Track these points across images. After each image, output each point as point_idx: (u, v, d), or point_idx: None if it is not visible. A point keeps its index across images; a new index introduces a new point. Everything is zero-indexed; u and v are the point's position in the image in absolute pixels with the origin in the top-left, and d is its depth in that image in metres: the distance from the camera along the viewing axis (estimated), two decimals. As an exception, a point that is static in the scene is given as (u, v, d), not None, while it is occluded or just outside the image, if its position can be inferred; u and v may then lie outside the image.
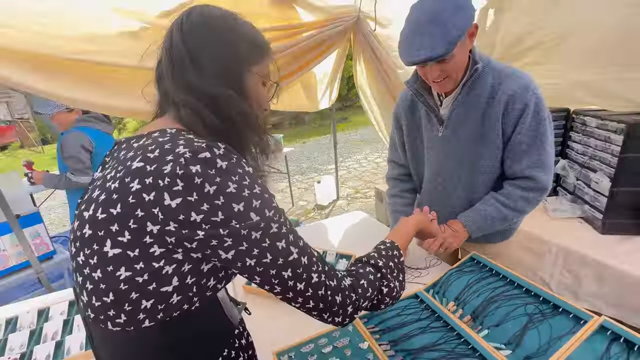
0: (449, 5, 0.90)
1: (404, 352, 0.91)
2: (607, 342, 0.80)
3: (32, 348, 1.03)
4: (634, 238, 1.45)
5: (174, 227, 0.44)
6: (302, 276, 0.53)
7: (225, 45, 0.55)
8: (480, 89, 1.05)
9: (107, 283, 0.46)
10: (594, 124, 1.56)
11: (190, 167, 0.44)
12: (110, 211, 0.45)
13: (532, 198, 1.11)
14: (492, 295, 1.03)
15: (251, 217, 0.47)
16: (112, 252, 0.45)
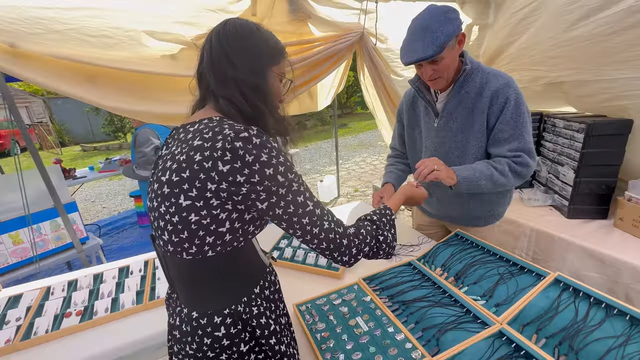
0: (439, 17, 1.05)
1: (399, 303, 1.07)
2: (560, 291, 0.96)
3: (93, 303, 1.18)
4: (594, 221, 1.62)
5: (225, 186, 0.59)
6: (316, 223, 0.67)
7: (252, 48, 0.68)
8: (470, 87, 1.18)
9: (182, 225, 0.61)
10: (562, 125, 1.73)
11: (235, 143, 0.58)
12: (182, 175, 0.60)
13: (517, 169, 1.14)
14: (472, 261, 1.19)
15: (278, 178, 0.61)
16: (185, 203, 0.60)
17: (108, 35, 1.43)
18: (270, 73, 0.71)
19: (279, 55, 0.74)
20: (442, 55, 1.08)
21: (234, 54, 0.66)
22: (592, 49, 1.55)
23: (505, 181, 1.14)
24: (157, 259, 1.42)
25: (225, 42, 0.66)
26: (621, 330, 0.80)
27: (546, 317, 0.90)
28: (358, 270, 1.32)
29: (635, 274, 1.27)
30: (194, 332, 0.65)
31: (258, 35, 0.70)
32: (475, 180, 1.13)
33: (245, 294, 0.69)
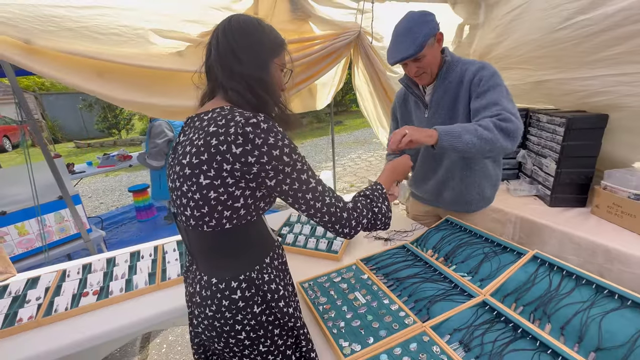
0: (416, 21, 1.20)
1: (393, 280, 1.17)
2: (537, 266, 1.07)
3: (108, 283, 1.26)
4: (573, 209, 1.74)
5: (238, 166, 0.67)
6: (319, 198, 0.75)
7: (256, 44, 0.75)
8: (452, 77, 1.29)
9: (203, 201, 0.69)
10: (545, 120, 1.85)
11: (246, 128, 0.66)
12: (201, 158, 0.67)
13: (501, 125, 1.10)
14: (460, 243, 1.30)
15: (284, 158, 0.69)
16: (204, 182, 0.68)
17: (117, 33, 1.50)
18: (273, 65, 0.78)
19: (280, 47, 0.81)
20: (423, 53, 1.21)
21: (240, 49, 0.73)
22: (573, 49, 1.66)
23: (492, 136, 1.07)
24: (166, 244, 1.51)
25: (231, 38, 0.73)
26: (587, 297, 0.91)
27: (524, 288, 1.01)
28: (356, 252, 1.42)
29: (607, 254, 1.39)
30: (213, 295, 0.74)
31: (260, 30, 0.76)
32: (457, 134, 1.07)
33: (258, 263, 0.77)
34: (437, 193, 1.52)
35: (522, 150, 2.08)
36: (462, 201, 1.47)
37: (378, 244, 1.50)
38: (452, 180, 1.44)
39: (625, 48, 1.48)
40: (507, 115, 1.11)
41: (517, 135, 1.11)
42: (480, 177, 1.41)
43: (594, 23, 1.52)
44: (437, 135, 1.08)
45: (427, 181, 1.53)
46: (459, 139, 1.07)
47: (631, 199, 1.47)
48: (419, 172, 1.56)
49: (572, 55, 1.68)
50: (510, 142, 1.10)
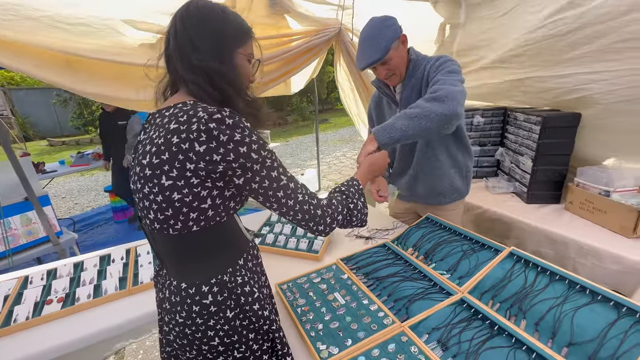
0: (379, 26, 1.24)
1: (373, 279, 1.16)
2: (513, 262, 1.08)
3: (74, 290, 1.19)
4: (549, 205, 1.79)
5: (202, 165, 0.62)
6: (291, 195, 0.72)
7: (216, 32, 0.68)
8: (418, 75, 1.33)
9: (166, 203, 0.65)
10: (522, 118, 1.89)
11: (209, 124, 0.61)
12: (161, 157, 0.63)
13: (430, 96, 1.10)
14: (439, 241, 1.30)
15: (252, 155, 0.65)
16: (167, 183, 0.63)
17: (85, 23, 1.41)
18: (237, 55, 0.73)
19: (245, 36, 0.75)
20: (389, 56, 1.25)
21: (198, 38, 0.67)
22: (549, 48, 1.70)
23: (419, 110, 1.09)
24: (139, 247, 1.44)
25: (189, 26, 0.67)
26: (560, 292, 0.92)
27: (501, 285, 1.02)
28: (337, 252, 1.40)
29: (579, 249, 1.44)
30: (183, 301, 0.70)
31: (222, 17, 0.70)
32: (389, 125, 1.11)
33: (230, 265, 0.74)
34: (411, 187, 1.55)
35: (501, 148, 2.12)
36: (434, 193, 1.50)
37: (359, 242, 1.49)
38: (423, 173, 1.48)
39: (595, 47, 1.52)
40: (437, 87, 1.12)
41: (450, 97, 1.08)
42: (448, 167, 1.45)
43: (569, 22, 1.55)
44: (375, 137, 1.13)
45: (402, 175, 1.57)
46: (392, 128, 1.11)
47: (602, 196, 1.52)
48: (396, 169, 1.59)
49: (548, 54, 1.72)
50: (443, 105, 1.07)
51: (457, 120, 1.11)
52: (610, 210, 1.47)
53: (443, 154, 1.43)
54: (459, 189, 1.50)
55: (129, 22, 1.46)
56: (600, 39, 1.50)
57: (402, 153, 1.53)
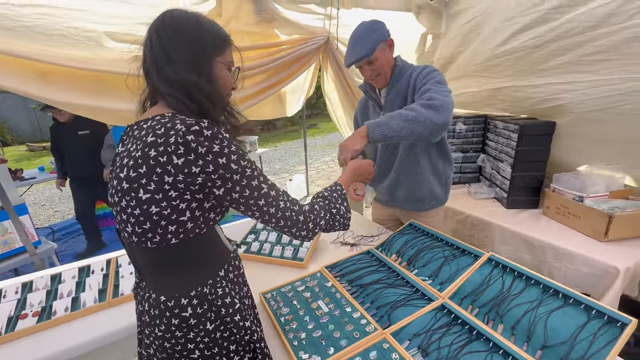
0: (367, 29, 1.32)
1: (357, 287, 1.17)
2: (492, 268, 1.11)
3: (51, 303, 1.15)
4: (527, 210, 1.85)
5: (181, 177, 0.62)
6: (272, 203, 0.72)
7: (192, 43, 0.68)
8: (403, 81, 1.38)
9: (144, 217, 0.64)
10: (501, 126, 1.96)
11: (187, 137, 0.61)
12: (139, 171, 0.62)
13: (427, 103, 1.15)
14: (422, 247, 1.33)
15: (232, 166, 0.65)
16: (144, 196, 0.63)
17: (65, 34, 1.37)
18: (216, 64, 0.72)
19: (223, 43, 0.74)
20: (375, 56, 1.31)
21: (173, 49, 0.66)
22: (523, 59, 1.78)
23: (415, 114, 1.13)
24: (120, 257, 1.41)
25: (164, 37, 0.66)
26: (535, 297, 0.96)
27: (479, 290, 1.05)
28: (322, 259, 1.41)
29: (555, 253, 1.49)
30: (162, 314, 0.70)
31: (198, 26, 0.69)
32: (384, 123, 1.15)
33: (211, 277, 0.73)
34: (391, 192, 1.58)
35: (482, 154, 2.18)
36: (414, 199, 1.54)
37: (344, 249, 1.50)
38: (403, 178, 1.52)
39: (567, 59, 1.60)
40: (432, 95, 1.17)
41: (444, 107, 1.14)
42: (428, 174, 1.49)
43: (542, 34, 1.63)
44: (367, 130, 1.17)
45: (383, 179, 1.60)
46: (387, 126, 1.15)
47: (576, 201, 1.58)
48: (377, 172, 1.61)
49: (523, 64, 1.80)
50: (438, 114, 1.13)
51: (446, 130, 1.21)
52: (584, 215, 1.54)
53: (424, 160, 1.47)
54: (438, 196, 1.53)
55: (111, 34, 1.44)
56: (571, 51, 1.58)
57: (384, 156, 1.56)
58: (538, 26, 1.67)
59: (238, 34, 1.79)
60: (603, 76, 1.53)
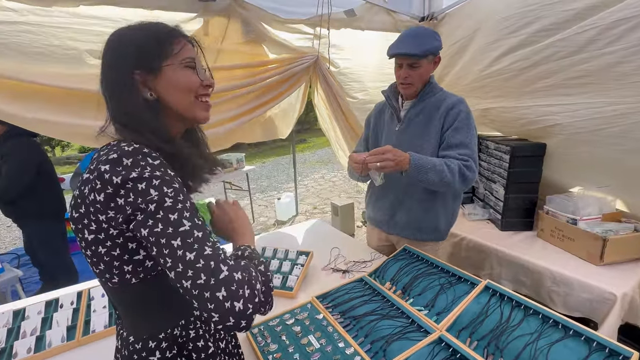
0: (429, 32, 1.37)
1: (350, 318, 1.15)
2: (489, 296, 1.11)
3: (12, 343, 1.07)
4: (522, 232, 1.88)
5: (112, 214, 0.57)
6: (193, 246, 0.54)
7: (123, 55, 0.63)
8: (431, 100, 1.42)
9: (96, 257, 0.61)
10: (492, 147, 2.02)
11: (101, 168, 0.56)
12: (80, 211, 0.60)
13: (465, 173, 1.27)
14: (417, 274, 1.32)
15: (150, 192, 0.55)
16: (89, 237, 0.60)
17: (45, 52, 1.37)
18: (167, 70, 0.64)
19: (167, 44, 0.64)
20: (421, 63, 1.34)
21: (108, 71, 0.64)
22: (511, 80, 1.86)
23: (452, 180, 1.25)
24: (93, 288, 1.35)
25: (105, 58, 0.64)
26: (535, 328, 0.95)
27: (478, 321, 1.04)
28: (312, 288, 1.38)
29: (552, 278, 1.51)
30: (130, 356, 0.66)
31: (117, 44, 0.64)
32: (424, 170, 1.23)
33: (183, 317, 0.70)
34: (391, 213, 1.53)
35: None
36: (414, 226, 1.50)
37: (336, 276, 1.47)
38: (409, 201, 1.47)
39: (553, 81, 1.68)
40: (471, 164, 1.29)
41: (471, 183, 1.33)
42: (438, 205, 1.46)
43: (528, 57, 1.72)
44: (409, 165, 1.23)
45: (385, 196, 1.54)
46: (425, 174, 1.24)
47: (569, 224, 1.62)
48: (378, 189, 1.54)
49: (511, 86, 1.89)
50: (464, 186, 1.32)
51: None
52: (578, 238, 1.57)
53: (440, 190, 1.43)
54: (440, 230, 1.51)
55: (92, 52, 1.44)
56: (556, 74, 1.66)
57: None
58: (523, 49, 1.76)
59: (227, 54, 1.82)
60: (588, 99, 1.62)
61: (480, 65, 1.98)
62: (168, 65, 0.64)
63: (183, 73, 0.65)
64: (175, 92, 0.66)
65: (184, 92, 0.66)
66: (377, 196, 1.59)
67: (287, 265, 1.48)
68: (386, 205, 1.55)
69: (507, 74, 1.84)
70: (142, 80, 0.63)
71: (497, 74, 1.89)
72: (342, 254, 1.64)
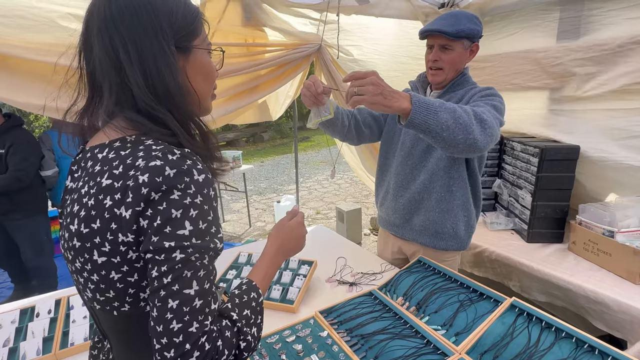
0: (468, 14, 1.33)
1: (358, 337, 1.13)
2: (515, 316, 1.09)
3: (-18, 355, 1.08)
4: (551, 245, 1.86)
5: (132, 238, 0.53)
6: (184, 317, 0.51)
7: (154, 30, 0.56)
8: (459, 92, 1.39)
9: (105, 283, 0.56)
10: (519, 149, 1.99)
11: (139, 176, 0.51)
12: (92, 226, 0.54)
13: (482, 116, 1.12)
14: (434, 289, 1.30)
15: (184, 225, 0.52)
16: (100, 259, 0.55)
17: (24, 15, 1.39)
18: (198, 50, 0.62)
19: (198, 20, 0.62)
20: (454, 46, 1.32)
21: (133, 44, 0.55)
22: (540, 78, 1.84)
23: (469, 121, 1.07)
24: (72, 296, 1.34)
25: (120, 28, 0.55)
26: (568, 353, 0.93)
27: (502, 343, 1.02)
28: (315, 301, 1.37)
29: (587, 297, 1.48)
30: None
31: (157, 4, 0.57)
32: (434, 109, 1.04)
33: None
34: (408, 215, 1.51)
35: (498, 179, 2.20)
36: (432, 231, 1.47)
37: (342, 289, 1.46)
38: (428, 199, 1.44)
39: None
40: (483, 112, 1.14)
41: (493, 132, 1.12)
42: (458, 206, 1.43)
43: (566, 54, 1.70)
44: (411, 106, 1.02)
45: (401, 194, 1.51)
46: (435, 115, 1.04)
47: (605, 236, 1.59)
48: (393, 184, 1.53)
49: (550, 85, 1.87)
50: (485, 135, 1.10)
51: (478, 153, 1.18)
52: (615, 253, 1.54)
53: (460, 189, 1.40)
54: (460, 237, 1.47)
55: (76, 15, 1.45)
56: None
57: (409, 162, 1.45)
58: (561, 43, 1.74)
59: (222, 32, 1.82)
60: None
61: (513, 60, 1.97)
62: (196, 48, 0.62)
63: (208, 59, 0.65)
64: (202, 77, 0.65)
65: (209, 79, 0.66)
66: (393, 195, 1.54)
67: (287, 276, 1.47)
68: (403, 204, 1.51)
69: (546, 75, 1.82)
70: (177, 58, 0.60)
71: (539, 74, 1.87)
72: (348, 265, 1.62)
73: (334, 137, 1.60)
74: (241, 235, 4.57)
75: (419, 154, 1.44)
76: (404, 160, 1.48)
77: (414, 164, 1.46)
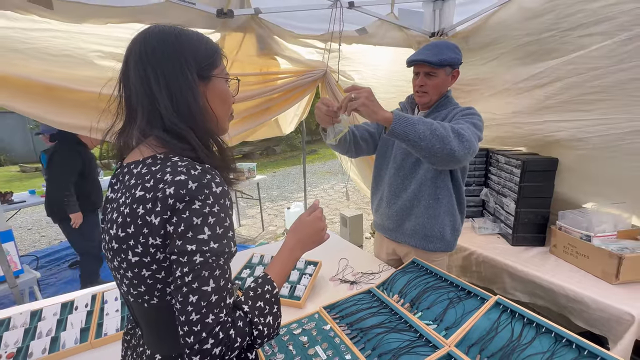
0: (449, 46, 1.36)
1: (357, 330, 1.13)
2: (499, 312, 1.08)
3: (28, 343, 1.10)
4: (534, 248, 1.83)
5: (159, 241, 0.57)
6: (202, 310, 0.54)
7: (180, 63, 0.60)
8: (443, 113, 1.41)
9: (137, 280, 0.61)
10: (503, 161, 1.99)
11: (166, 189, 0.55)
12: (127, 231, 0.58)
13: (459, 130, 1.17)
14: (426, 287, 1.30)
15: (204, 230, 0.55)
16: (133, 259, 0.59)
17: (71, 55, 1.45)
18: (217, 79, 0.66)
19: (217, 54, 0.67)
20: (437, 73, 1.35)
21: (163, 75, 0.60)
22: (524, 97, 1.85)
23: (445, 133, 1.13)
24: (107, 292, 1.37)
25: (152, 60, 0.60)
26: (547, 347, 0.92)
27: (488, 337, 1.01)
28: (320, 298, 1.37)
29: (567, 296, 1.45)
30: None
31: (187, 35, 0.63)
32: (411, 122, 1.12)
33: None
34: (400, 220, 1.52)
35: (485, 188, 2.20)
36: (422, 234, 1.48)
37: (344, 287, 1.46)
38: (417, 207, 1.46)
39: (569, 97, 1.66)
40: (462, 128, 1.19)
41: (470, 145, 1.17)
42: (444, 212, 1.44)
43: (545, 75, 1.71)
44: (392, 119, 1.12)
45: (394, 201, 1.52)
46: (413, 127, 1.12)
47: (583, 240, 1.57)
48: (387, 192, 1.55)
49: (525, 103, 1.87)
50: (461, 145, 1.15)
51: (457, 165, 1.24)
52: (593, 255, 1.52)
53: (445, 196, 1.42)
54: (447, 239, 1.48)
55: (114, 55, 1.51)
56: (569, 90, 1.64)
57: (401, 173, 1.48)
58: (538, 64, 1.75)
59: (240, 63, 1.88)
60: (600, 115, 1.59)
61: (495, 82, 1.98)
62: (215, 77, 0.66)
63: (225, 87, 0.70)
64: (220, 101, 0.69)
65: (227, 103, 0.71)
66: (386, 201, 1.56)
67: (295, 274, 1.48)
68: (395, 211, 1.53)
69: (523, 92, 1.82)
70: (211, 82, 0.66)
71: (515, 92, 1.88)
72: (350, 265, 1.63)
73: (336, 152, 1.63)
74: (255, 238, 4.58)
75: (409, 166, 1.46)
76: (396, 172, 1.50)
77: (404, 175, 1.48)
